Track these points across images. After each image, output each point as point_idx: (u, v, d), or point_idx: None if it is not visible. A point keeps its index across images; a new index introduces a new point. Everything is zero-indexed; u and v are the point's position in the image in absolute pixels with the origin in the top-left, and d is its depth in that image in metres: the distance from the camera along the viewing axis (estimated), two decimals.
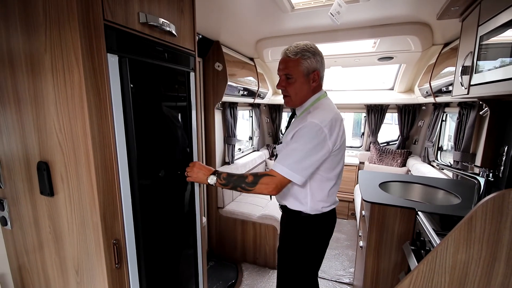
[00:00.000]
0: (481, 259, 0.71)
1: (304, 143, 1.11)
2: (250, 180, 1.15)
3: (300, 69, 1.19)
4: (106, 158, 0.85)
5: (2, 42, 0.87)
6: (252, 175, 1.17)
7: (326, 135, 1.11)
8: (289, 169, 1.11)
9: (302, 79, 1.20)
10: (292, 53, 1.19)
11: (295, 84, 1.21)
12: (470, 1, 1.40)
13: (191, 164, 1.26)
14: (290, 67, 1.20)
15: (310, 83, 1.22)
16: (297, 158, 1.11)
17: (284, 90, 1.26)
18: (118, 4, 0.83)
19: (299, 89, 1.22)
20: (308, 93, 1.24)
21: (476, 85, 1.30)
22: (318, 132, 1.10)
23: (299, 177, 1.12)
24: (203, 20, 1.89)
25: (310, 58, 1.18)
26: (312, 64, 1.19)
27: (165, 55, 1.07)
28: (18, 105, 0.90)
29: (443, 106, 2.87)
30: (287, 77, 1.22)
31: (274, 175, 1.13)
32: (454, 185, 1.99)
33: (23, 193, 0.99)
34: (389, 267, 1.66)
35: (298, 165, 1.11)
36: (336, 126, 1.15)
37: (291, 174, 1.12)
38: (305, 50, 1.18)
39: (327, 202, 1.27)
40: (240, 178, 1.18)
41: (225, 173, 1.21)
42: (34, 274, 1.06)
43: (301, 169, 1.12)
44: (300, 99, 1.25)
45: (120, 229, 0.92)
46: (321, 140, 1.11)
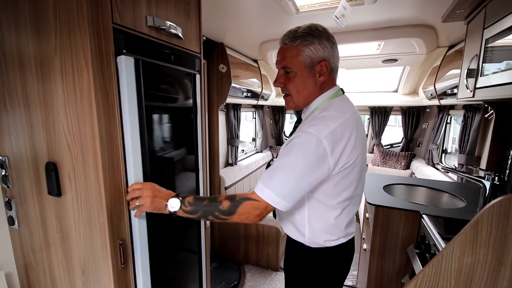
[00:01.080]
0: (487, 263, 0.70)
1: (295, 159, 0.84)
2: (225, 207, 0.87)
3: (301, 59, 0.90)
4: (114, 159, 0.86)
5: (13, 44, 0.89)
6: (228, 200, 0.88)
7: (325, 150, 0.82)
8: (274, 192, 0.84)
9: (304, 72, 0.91)
10: (289, 38, 0.91)
11: (295, 80, 0.93)
12: (475, 4, 1.40)
13: (138, 186, 0.90)
14: (288, 57, 0.91)
15: (316, 77, 0.92)
16: (283, 178, 0.84)
17: (284, 87, 0.98)
18: (126, 8, 0.84)
19: (301, 85, 0.93)
20: (314, 91, 0.94)
21: (482, 88, 1.30)
22: (314, 145, 0.82)
23: (284, 203, 0.85)
24: (208, 22, 1.90)
25: (314, 43, 0.88)
26: (317, 51, 0.89)
27: (171, 57, 1.08)
28: (27, 106, 0.91)
29: (447, 109, 2.85)
30: (286, 71, 0.94)
31: (257, 200, 0.86)
32: (458, 188, 1.97)
33: (31, 193, 1.00)
34: (393, 270, 1.65)
35: (284, 188, 0.84)
36: (343, 138, 0.85)
37: (276, 199, 0.85)
38: (306, 33, 0.89)
39: (333, 235, 0.98)
40: (212, 203, 0.89)
41: (191, 197, 0.91)
42: (40, 273, 1.08)
43: (287, 193, 0.85)
44: (303, 99, 0.96)
45: (126, 230, 0.93)
46: (318, 156, 0.83)
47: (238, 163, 3.24)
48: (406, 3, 1.73)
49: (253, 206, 0.87)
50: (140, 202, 0.89)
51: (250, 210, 0.87)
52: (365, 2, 1.67)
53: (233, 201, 0.88)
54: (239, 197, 0.88)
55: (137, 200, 0.89)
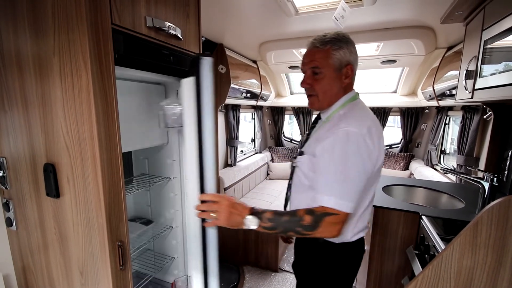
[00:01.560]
0: (487, 264, 0.70)
1: (347, 161, 0.86)
2: (307, 222, 0.86)
3: (331, 61, 0.95)
4: (112, 161, 0.86)
5: (11, 45, 0.88)
6: (308, 214, 0.87)
7: (369, 146, 0.87)
8: (349, 200, 0.87)
9: (332, 74, 0.97)
10: (320, 42, 0.96)
11: (323, 81, 0.98)
12: (474, 6, 1.41)
13: (216, 199, 0.89)
14: (318, 59, 0.96)
15: (342, 80, 0.98)
16: (349, 183, 0.87)
17: (310, 88, 1.02)
18: (125, 8, 0.84)
19: (328, 86, 0.98)
20: (339, 92, 1.00)
21: (480, 89, 1.30)
22: (359, 142, 0.86)
23: (353, 206, 0.88)
24: (207, 23, 1.90)
25: (343, 48, 0.95)
26: (345, 55, 0.96)
27: (170, 58, 1.08)
28: (25, 107, 0.91)
29: (446, 110, 2.86)
30: (314, 72, 0.98)
31: (336, 213, 0.86)
32: (457, 189, 1.98)
33: (29, 195, 1.00)
34: (392, 271, 1.65)
35: (352, 191, 0.87)
36: (377, 136, 0.90)
37: (351, 207, 0.87)
38: (336, 39, 0.96)
39: (356, 228, 1.02)
40: (292, 218, 0.88)
41: (270, 212, 0.90)
42: (39, 275, 1.07)
43: (355, 196, 0.88)
44: (328, 100, 1.01)
45: (125, 231, 0.93)
46: (364, 152, 0.87)
47: (237, 164, 3.24)
48: (405, 5, 1.74)
49: (334, 221, 0.87)
50: (216, 216, 0.88)
51: (331, 225, 0.87)
52: (364, 3, 1.68)
53: (314, 215, 0.87)
54: (318, 212, 0.87)
55: (211, 212, 0.88)
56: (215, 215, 0.88)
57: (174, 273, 1.58)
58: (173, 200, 1.50)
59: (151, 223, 1.55)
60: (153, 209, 1.60)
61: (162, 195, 1.53)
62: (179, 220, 1.51)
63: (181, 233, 1.52)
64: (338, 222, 0.87)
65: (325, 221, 0.86)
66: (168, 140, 1.43)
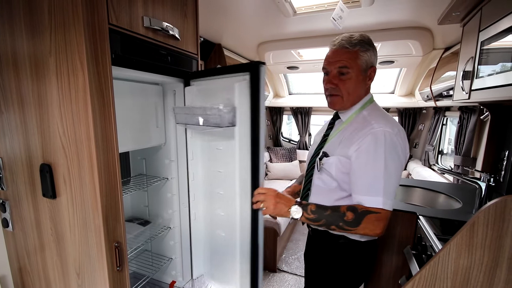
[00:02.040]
0: (483, 264, 0.71)
1: (387, 160, 0.90)
2: (350, 218, 0.91)
3: (359, 62, 0.98)
4: (109, 162, 0.85)
5: (7, 45, 0.88)
6: (351, 211, 0.92)
7: (401, 144, 0.93)
8: (389, 198, 0.91)
9: (359, 75, 0.99)
10: (349, 43, 0.98)
11: (350, 81, 0.99)
12: (471, 7, 1.41)
13: (262, 191, 1.01)
14: (347, 59, 0.98)
15: (366, 81, 1.03)
16: (388, 181, 0.90)
17: (334, 88, 1.02)
18: (122, 8, 0.84)
19: (354, 87, 1.00)
20: (362, 93, 1.04)
21: (477, 90, 1.31)
22: (394, 142, 0.91)
23: (392, 202, 0.92)
24: (205, 23, 1.90)
25: (370, 51, 0.99)
26: (370, 58, 0.99)
27: (168, 58, 1.07)
28: (21, 107, 0.90)
29: (443, 110, 2.87)
30: (341, 72, 0.99)
31: (377, 212, 0.90)
32: (455, 189, 1.99)
33: (25, 195, 0.99)
34: (390, 271, 1.65)
35: (391, 189, 0.91)
36: (404, 135, 0.96)
37: (391, 204, 0.91)
38: (363, 41, 0.98)
39: None
40: (335, 213, 0.93)
41: (313, 205, 0.97)
42: (35, 276, 1.06)
43: (393, 192, 0.92)
44: (352, 100, 1.03)
45: (122, 232, 0.92)
46: (400, 151, 0.92)
47: None
48: (403, 6, 1.74)
49: (377, 219, 0.90)
50: (264, 206, 1.00)
51: (374, 223, 0.90)
52: (362, 4, 1.68)
53: (356, 213, 0.91)
54: (361, 209, 0.91)
55: (261, 203, 1.00)
56: (264, 206, 0.99)
57: (172, 274, 1.58)
58: (171, 200, 1.49)
59: (148, 223, 1.54)
60: (150, 210, 1.59)
61: (159, 196, 1.52)
62: (176, 220, 1.50)
63: (178, 233, 1.52)
64: (380, 219, 0.89)
65: (367, 218, 0.89)
66: (166, 141, 1.43)
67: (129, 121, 1.18)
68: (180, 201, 1.48)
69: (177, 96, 1.35)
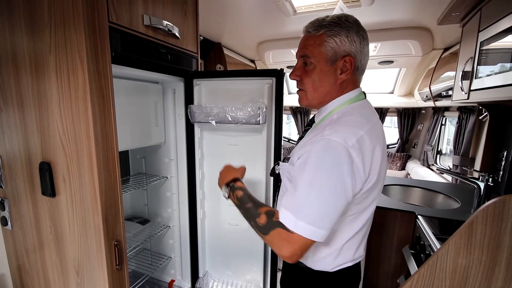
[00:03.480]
0: (482, 264, 0.71)
1: (317, 176, 0.69)
2: (261, 223, 0.75)
3: (323, 50, 0.77)
4: (109, 160, 0.85)
5: (7, 43, 0.87)
6: (266, 215, 0.76)
7: (354, 161, 0.69)
8: (309, 222, 0.68)
9: (324, 65, 0.78)
10: (313, 26, 0.78)
11: (313, 73, 0.80)
12: (471, 7, 1.42)
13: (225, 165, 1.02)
14: (309, 46, 0.79)
15: (337, 74, 0.79)
16: (317, 202, 0.69)
17: (299, 81, 0.84)
18: (123, 7, 0.84)
19: (318, 81, 0.80)
20: (332, 89, 0.81)
21: (476, 90, 1.31)
22: (340, 156, 0.68)
23: (322, 232, 0.69)
24: (205, 22, 1.89)
25: (340, 35, 0.75)
26: (342, 44, 0.76)
27: (168, 57, 1.07)
28: (21, 106, 0.90)
29: (442, 110, 2.88)
30: (304, 62, 0.81)
31: (291, 231, 0.69)
32: (453, 189, 1.99)
33: (25, 193, 0.99)
34: (388, 270, 1.66)
35: (317, 214, 0.69)
36: (370, 149, 0.72)
37: (312, 231, 0.68)
38: (334, 23, 0.76)
39: (339, 258, 0.84)
40: (252, 210, 0.80)
41: (242, 192, 0.87)
42: (34, 274, 1.06)
43: (325, 220, 0.69)
44: (318, 97, 0.83)
45: (121, 230, 0.92)
46: (346, 169, 0.69)
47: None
48: (403, 6, 1.74)
49: (287, 239, 0.70)
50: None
51: (282, 241, 0.70)
52: (362, 3, 1.68)
53: (269, 219, 0.74)
54: (275, 218, 0.74)
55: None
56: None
57: (171, 272, 1.58)
58: (170, 199, 1.49)
59: (147, 222, 1.54)
60: (150, 209, 1.60)
61: (159, 195, 1.52)
62: (176, 219, 1.51)
63: (178, 232, 1.52)
64: (290, 242, 0.69)
65: (277, 231, 0.71)
66: (166, 139, 1.43)
67: (129, 120, 1.18)
68: (179, 200, 1.48)
69: (177, 95, 1.35)
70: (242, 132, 1.36)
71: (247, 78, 1.28)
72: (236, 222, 1.42)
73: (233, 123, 1.23)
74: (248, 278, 1.46)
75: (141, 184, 1.38)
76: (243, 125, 1.24)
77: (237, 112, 1.21)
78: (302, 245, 0.70)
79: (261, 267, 1.40)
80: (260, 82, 1.24)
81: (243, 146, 1.37)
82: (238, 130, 1.35)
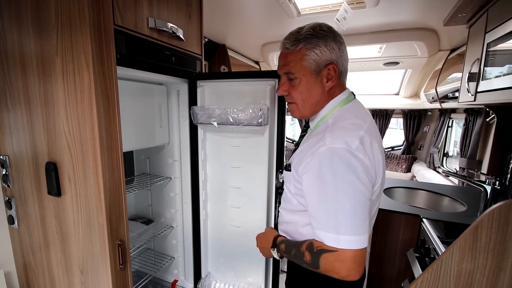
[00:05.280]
0: (487, 268, 0.70)
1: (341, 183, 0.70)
2: (308, 260, 0.76)
3: (305, 64, 0.79)
4: (113, 161, 0.86)
5: (15, 44, 0.89)
6: (308, 251, 0.77)
7: (364, 162, 0.71)
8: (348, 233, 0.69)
9: (309, 78, 0.81)
10: (290, 42, 0.81)
11: (300, 87, 0.82)
12: (477, 8, 1.40)
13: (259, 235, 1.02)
14: (291, 62, 0.81)
15: (323, 83, 0.81)
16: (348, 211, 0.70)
17: (288, 95, 0.87)
18: (128, 9, 0.85)
19: (306, 93, 0.82)
20: (321, 98, 0.83)
21: (483, 92, 1.29)
22: (349, 161, 0.70)
23: (363, 237, 0.70)
24: (210, 24, 1.90)
25: (319, 46, 0.78)
26: (323, 54, 0.78)
27: (172, 59, 1.08)
28: (28, 106, 0.92)
29: (449, 112, 2.85)
30: (289, 78, 0.84)
31: (334, 250, 0.70)
32: (459, 192, 1.96)
33: (31, 193, 1.01)
34: (392, 273, 1.64)
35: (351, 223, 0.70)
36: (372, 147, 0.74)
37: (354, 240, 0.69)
38: (310, 35, 0.79)
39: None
40: (297, 254, 0.81)
41: (283, 245, 0.87)
42: (39, 272, 1.08)
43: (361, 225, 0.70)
44: (310, 107, 0.85)
45: (125, 230, 0.93)
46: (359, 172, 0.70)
47: None
48: (408, 7, 1.73)
49: (336, 259, 0.70)
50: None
51: (334, 264, 0.71)
52: (367, 5, 1.67)
53: (312, 252, 0.75)
54: (316, 248, 0.74)
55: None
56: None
57: (174, 272, 1.59)
58: (174, 200, 1.50)
59: (151, 222, 1.55)
60: (153, 209, 1.61)
61: (162, 195, 1.53)
62: (179, 220, 1.51)
63: (181, 233, 1.53)
64: (341, 260, 0.70)
65: (324, 257, 0.72)
66: (170, 140, 1.44)
67: (133, 121, 1.19)
68: (183, 201, 1.49)
69: (181, 96, 1.36)
70: (244, 134, 1.36)
71: (250, 80, 1.27)
72: (239, 224, 1.42)
73: (235, 125, 1.23)
74: (250, 280, 1.46)
75: (145, 185, 1.39)
76: (245, 127, 1.23)
77: (238, 114, 1.21)
78: (354, 257, 0.70)
79: (263, 269, 1.40)
80: (263, 83, 1.24)
81: (245, 148, 1.37)
82: (241, 132, 1.35)
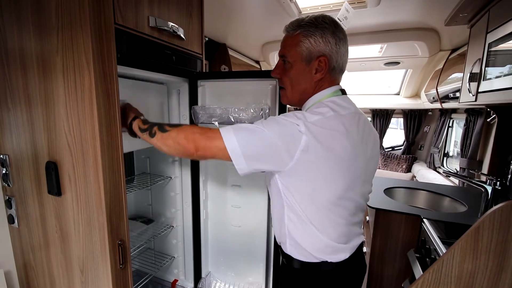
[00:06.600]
0: (488, 269, 0.70)
1: (265, 125, 0.74)
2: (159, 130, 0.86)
3: (298, 50, 0.80)
4: (114, 160, 0.86)
5: (15, 43, 0.89)
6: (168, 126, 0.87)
7: (300, 132, 0.71)
8: (238, 141, 0.73)
9: (299, 65, 0.82)
10: (291, 27, 0.83)
11: (290, 72, 0.84)
12: (478, 8, 1.40)
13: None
14: (286, 46, 0.83)
15: (312, 73, 0.82)
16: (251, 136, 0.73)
17: (279, 79, 0.89)
18: (128, 8, 0.84)
19: (295, 79, 0.84)
20: (308, 87, 0.84)
21: (484, 92, 1.29)
22: (291, 121, 0.73)
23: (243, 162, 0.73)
24: (210, 23, 1.90)
25: (315, 35, 0.78)
26: (317, 45, 0.79)
27: (173, 58, 1.08)
28: (28, 105, 0.91)
29: (449, 112, 2.84)
30: (284, 61, 0.86)
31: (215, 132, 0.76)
32: (460, 192, 1.96)
33: (31, 192, 1.00)
34: (393, 274, 1.64)
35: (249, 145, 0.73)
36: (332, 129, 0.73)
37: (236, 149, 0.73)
38: (310, 24, 0.79)
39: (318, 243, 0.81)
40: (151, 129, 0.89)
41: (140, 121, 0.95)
42: (39, 272, 1.08)
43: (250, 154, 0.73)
44: (297, 95, 0.86)
45: (125, 230, 0.93)
46: (291, 131, 0.72)
47: None
48: (409, 6, 1.73)
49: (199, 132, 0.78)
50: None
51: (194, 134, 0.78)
52: (368, 4, 1.67)
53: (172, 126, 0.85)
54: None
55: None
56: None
57: (174, 272, 1.59)
58: (174, 199, 1.50)
59: (151, 222, 1.55)
60: (154, 208, 1.61)
61: (163, 194, 1.53)
62: (179, 219, 1.51)
63: (181, 232, 1.53)
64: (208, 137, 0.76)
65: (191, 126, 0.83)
66: None
67: None
68: (183, 200, 1.48)
69: (182, 96, 1.36)
70: None
71: (251, 79, 1.26)
72: (239, 223, 1.42)
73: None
74: (251, 280, 1.46)
75: (145, 184, 1.39)
76: None
77: (239, 113, 1.21)
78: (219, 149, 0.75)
79: (264, 269, 1.40)
80: (264, 83, 1.24)
81: None
82: None
